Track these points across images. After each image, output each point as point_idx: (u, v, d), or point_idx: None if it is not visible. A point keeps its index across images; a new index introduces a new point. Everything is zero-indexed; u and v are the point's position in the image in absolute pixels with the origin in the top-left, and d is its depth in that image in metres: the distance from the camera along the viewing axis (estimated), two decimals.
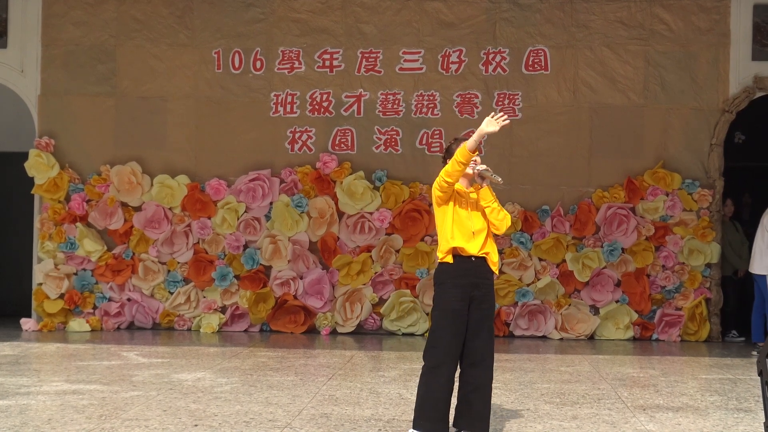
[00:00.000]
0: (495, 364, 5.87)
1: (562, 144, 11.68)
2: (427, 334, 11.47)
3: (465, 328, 5.64)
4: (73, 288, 11.72)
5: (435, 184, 5.72)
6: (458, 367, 5.73)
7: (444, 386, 5.63)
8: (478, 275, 5.69)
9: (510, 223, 5.87)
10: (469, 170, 5.73)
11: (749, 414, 6.90)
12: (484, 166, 5.77)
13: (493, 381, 5.77)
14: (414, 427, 5.67)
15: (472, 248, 5.67)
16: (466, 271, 5.67)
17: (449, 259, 5.70)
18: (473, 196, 5.78)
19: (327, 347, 10.53)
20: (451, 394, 5.67)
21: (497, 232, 5.82)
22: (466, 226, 5.70)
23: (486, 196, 5.77)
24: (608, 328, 11.53)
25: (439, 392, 5.62)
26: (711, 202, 11.51)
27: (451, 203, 5.74)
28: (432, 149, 11.70)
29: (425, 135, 11.74)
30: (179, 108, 11.87)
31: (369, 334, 11.59)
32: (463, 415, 5.73)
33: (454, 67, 11.74)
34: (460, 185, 5.76)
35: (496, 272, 5.83)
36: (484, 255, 5.71)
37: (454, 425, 5.76)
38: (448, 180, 5.61)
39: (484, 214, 5.79)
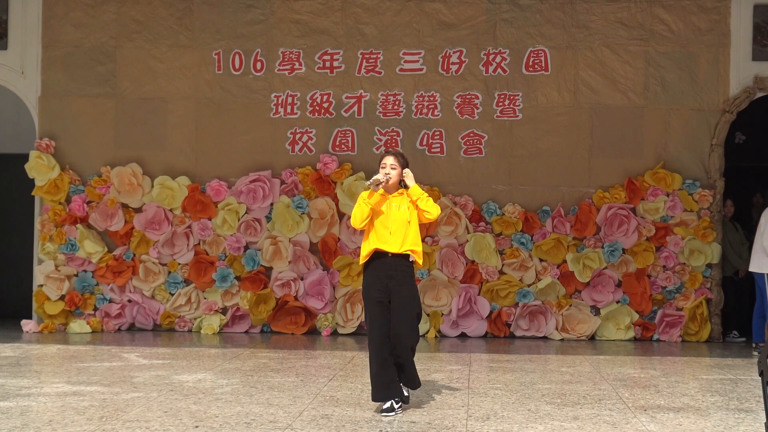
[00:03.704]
0: (495, 364, 5.99)
1: (563, 144, 11.68)
2: (427, 335, 11.55)
3: (387, 311, 6.66)
4: (74, 289, 11.72)
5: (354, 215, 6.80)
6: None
7: (378, 363, 6.61)
8: (393, 268, 6.71)
9: (440, 211, 6.96)
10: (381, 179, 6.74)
11: (750, 414, 6.90)
12: (378, 181, 6.75)
13: (415, 356, 6.84)
14: (373, 399, 6.75)
15: (389, 247, 6.70)
16: (383, 265, 6.71)
17: (367, 257, 6.75)
18: (395, 201, 6.80)
19: (328, 348, 10.54)
20: (388, 364, 6.62)
21: (431, 218, 6.83)
22: (384, 226, 6.73)
23: (414, 192, 6.80)
24: (609, 329, 11.53)
25: (373, 368, 6.65)
26: (711, 203, 11.51)
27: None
28: (432, 150, 11.70)
29: (426, 136, 11.75)
30: (179, 109, 11.88)
31: None
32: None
33: (454, 67, 11.75)
34: (376, 197, 6.79)
35: (420, 261, 6.84)
36: (402, 252, 6.71)
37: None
38: (365, 218, 6.72)
39: (416, 209, 6.78)
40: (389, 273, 6.70)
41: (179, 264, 11.75)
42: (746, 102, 11.55)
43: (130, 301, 11.77)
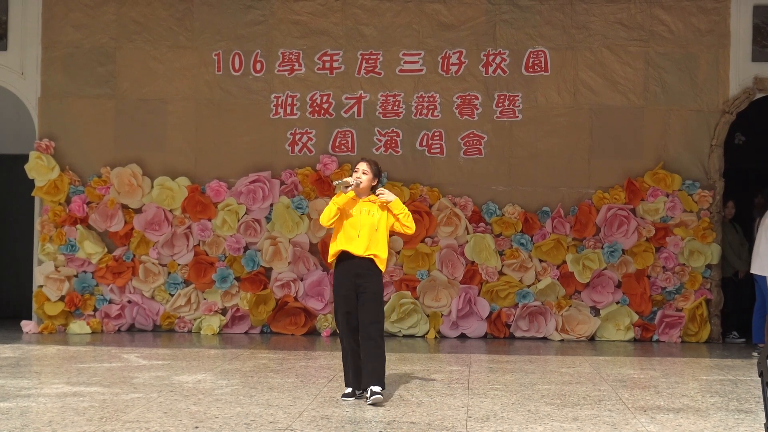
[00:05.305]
0: (494, 365, 6.02)
1: (563, 145, 11.69)
2: (427, 336, 11.55)
3: (355, 308, 7.14)
4: (74, 290, 11.72)
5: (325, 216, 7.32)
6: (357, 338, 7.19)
7: (347, 353, 7.25)
8: (361, 268, 7.16)
9: (415, 227, 7.43)
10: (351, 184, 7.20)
11: (750, 415, 6.90)
12: (347, 183, 7.21)
13: (385, 350, 7.23)
14: (346, 385, 7.33)
15: (355, 249, 7.14)
16: (350, 265, 7.18)
17: (335, 257, 7.26)
18: (366, 206, 7.24)
19: (327, 349, 10.53)
20: (355, 358, 7.19)
21: (409, 232, 7.40)
22: (353, 228, 7.18)
23: (396, 207, 7.26)
24: (609, 330, 11.53)
25: (344, 358, 7.31)
26: (711, 203, 11.51)
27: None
28: (432, 151, 11.71)
29: (425, 136, 11.75)
30: (179, 110, 11.88)
31: None
32: (363, 376, 7.15)
33: (454, 68, 11.75)
34: (345, 198, 7.24)
35: (382, 268, 7.23)
36: (366, 255, 7.14)
37: (361, 387, 7.21)
38: (332, 217, 7.24)
39: (392, 219, 7.27)
40: (357, 272, 7.17)
41: (179, 265, 11.75)
42: (746, 103, 11.56)
43: (129, 301, 11.77)
